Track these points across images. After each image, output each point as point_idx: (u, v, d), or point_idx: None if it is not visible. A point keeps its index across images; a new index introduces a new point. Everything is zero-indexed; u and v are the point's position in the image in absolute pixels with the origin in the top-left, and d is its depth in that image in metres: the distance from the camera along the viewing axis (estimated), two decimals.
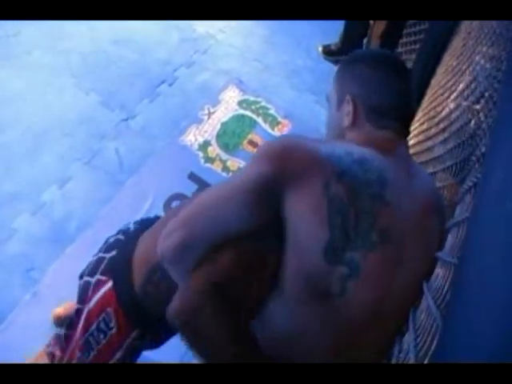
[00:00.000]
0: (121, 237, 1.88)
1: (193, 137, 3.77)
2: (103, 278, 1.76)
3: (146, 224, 1.89)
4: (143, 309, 1.72)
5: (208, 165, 3.64)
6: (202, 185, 3.46)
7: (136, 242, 1.78)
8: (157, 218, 1.98)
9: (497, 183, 0.90)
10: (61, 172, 3.33)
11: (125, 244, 1.83)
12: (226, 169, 3.65)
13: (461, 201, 1.48)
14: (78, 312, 1.82)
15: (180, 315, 1.31)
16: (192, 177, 3.51)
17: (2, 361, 2.41)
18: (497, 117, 1.24)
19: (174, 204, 3.32)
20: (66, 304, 2.54)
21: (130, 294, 1.72)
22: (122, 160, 3.51)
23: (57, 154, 3.42)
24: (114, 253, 1.81)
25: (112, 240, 1.89)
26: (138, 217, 3.33)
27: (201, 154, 3.69)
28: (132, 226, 1.92)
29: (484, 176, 1.07)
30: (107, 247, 1.86)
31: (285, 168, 1.33)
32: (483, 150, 1.44)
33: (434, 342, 1.05)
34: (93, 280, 1.79)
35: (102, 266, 1.80)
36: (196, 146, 3.73)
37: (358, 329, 1.37)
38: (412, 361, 1.13)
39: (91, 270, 1.82)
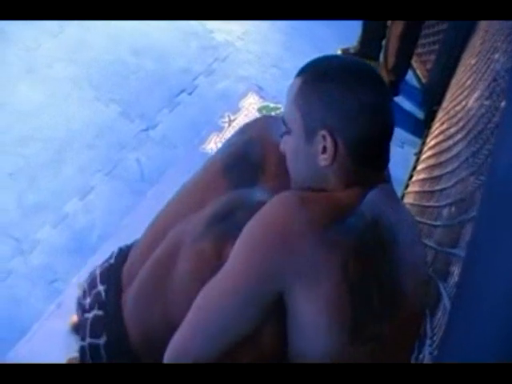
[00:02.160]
0: (99, 313, 1.65)
1: (214, 145, 3.76)
2: None
3: (113, 281, 1.69)
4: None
5: None
6: None
7: (120, 318, 1.60)
8: (118, 267, 1.74)
9: (503, 179, 0.89)
10: (82, 183, 3.35)
11: (109, 324, 1.63)
12: None
13: (471, 197, 1.46)
14: None
15: None
16: None
17: None
18: (505, 110, 1.22)
19: None
20: None
21: None
22: (143, 170, 3.52)
23: (78, 165, 3.43)
24: (104, 338, 1.62)
25: (91, 318, 1.67)
26: None
27: None
28: (102, 290, 1.68)
29: (490, 172, 1.05)
30: (92, 331, 1.65)
31: (292, 255, 1.17)
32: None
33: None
34: None
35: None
36: None
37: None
38: (426, 358, 1.12)
39: None
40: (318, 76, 1.31)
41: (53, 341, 2.62)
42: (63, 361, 2.39)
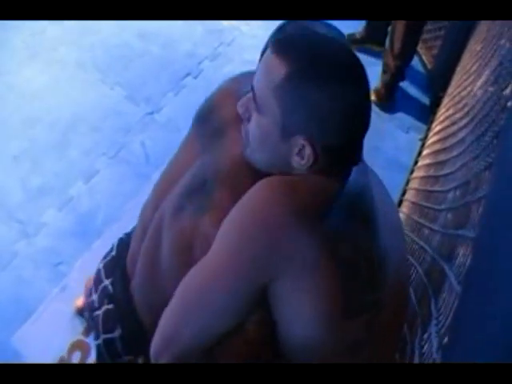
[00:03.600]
0: (109, 307, 1.64)
1: None
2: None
3: (118, 273, 1.67)
4: None
5: None
6: None
7: (131, 308, 1.59)
8: (121, 258, 1.72)
9: None
10: (87, 166, 3.35)
11: (122, 316, 1.62)
12: None
13: (477, 178, 1.46)
14: None
15: None
16: None
17: (30, 353, 2.44)
18: None
19: None
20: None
21: None
22: (148, 153, 3.51)
23: (83, 148, 3.44)
24: (119, 331, 1.61)
25: (102, 313, 1.65)
26: None
27: None
28: (108, 284, 1.67)
29: (501, 153, 1.05)
30: (104, 327, 1.64)
31: (279, 246, 1.12)
32: (500, 123, 1.41)
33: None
34: None
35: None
36: None
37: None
38: (433, 336, 1.12)
39: None
40: (302, 70, 1.18)
41: (58, 323, 2.62)
42: (68, 342, 2.41)
